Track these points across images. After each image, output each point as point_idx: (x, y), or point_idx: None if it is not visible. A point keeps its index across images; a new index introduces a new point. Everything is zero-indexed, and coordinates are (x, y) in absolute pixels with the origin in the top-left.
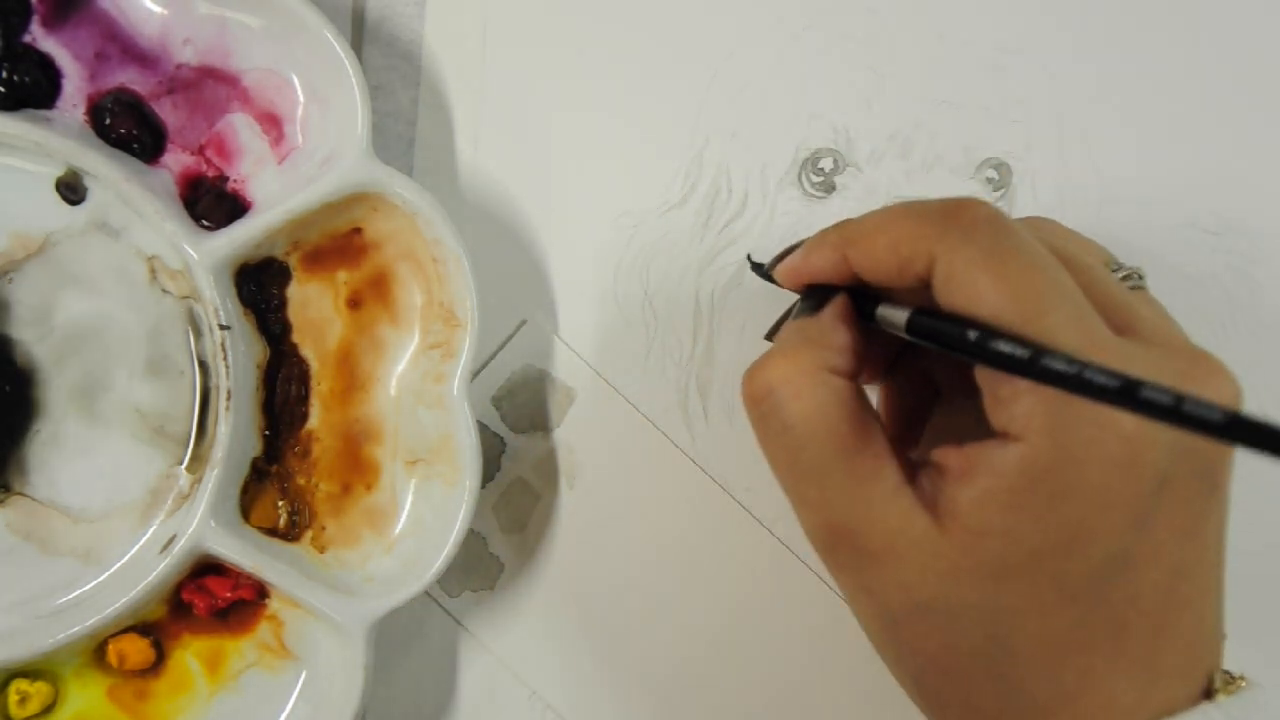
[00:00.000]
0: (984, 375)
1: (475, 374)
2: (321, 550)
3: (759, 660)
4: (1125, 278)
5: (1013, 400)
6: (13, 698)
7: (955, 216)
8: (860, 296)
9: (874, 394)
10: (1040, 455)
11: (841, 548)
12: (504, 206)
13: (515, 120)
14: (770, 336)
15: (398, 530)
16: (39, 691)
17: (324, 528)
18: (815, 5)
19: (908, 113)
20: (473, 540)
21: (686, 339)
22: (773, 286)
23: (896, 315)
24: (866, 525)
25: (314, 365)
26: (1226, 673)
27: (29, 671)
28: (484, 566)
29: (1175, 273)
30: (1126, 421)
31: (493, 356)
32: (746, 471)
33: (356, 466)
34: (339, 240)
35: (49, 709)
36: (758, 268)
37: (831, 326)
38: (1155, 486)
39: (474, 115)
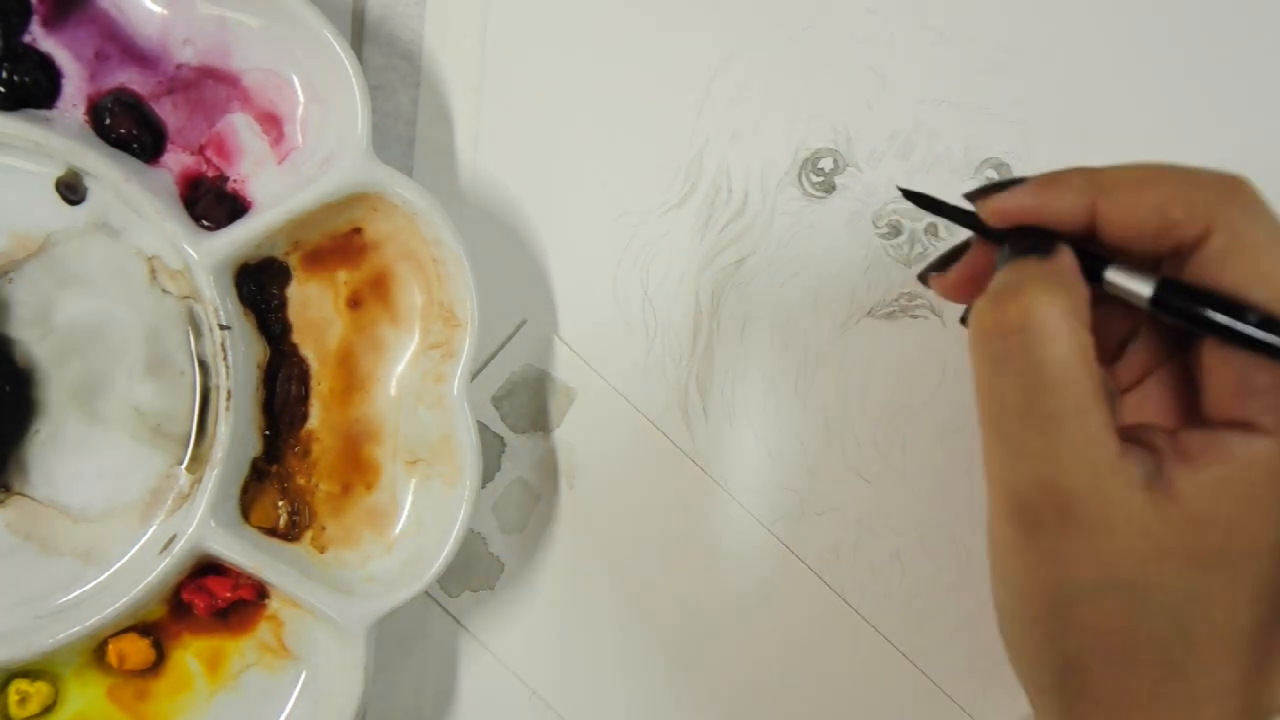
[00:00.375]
0: (1234, 359)
1: (475, 374)
2: (321, 550)
3: (759, 659)
4: None
5: (1270, 392)
6: (13, 698)
7: (1238, 190)
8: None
9: None
10: None
11: (1046, 507)
12: (504, 206)
13: (515, 120)
14: (926, 275)
15: (398, 530)
16: (39, 691)
17: (324, 528)
18: (815, 5)
19: (908, 113)
20: (473, 540)
21: (686, 339)
22: (775, 282)
23: (1137, 284)
24: (1085, 489)
25: (314, 365)
26: None
27: (29, 671)
28: (484, 566)
29: None
30: None
31: (493, 356)
32: (746, 471)
33: (356, 466)
34: (339, 240)
35: (49, 709)
36: (935, 204)
37: (1074, 276)
38: None
39: (474, 115)
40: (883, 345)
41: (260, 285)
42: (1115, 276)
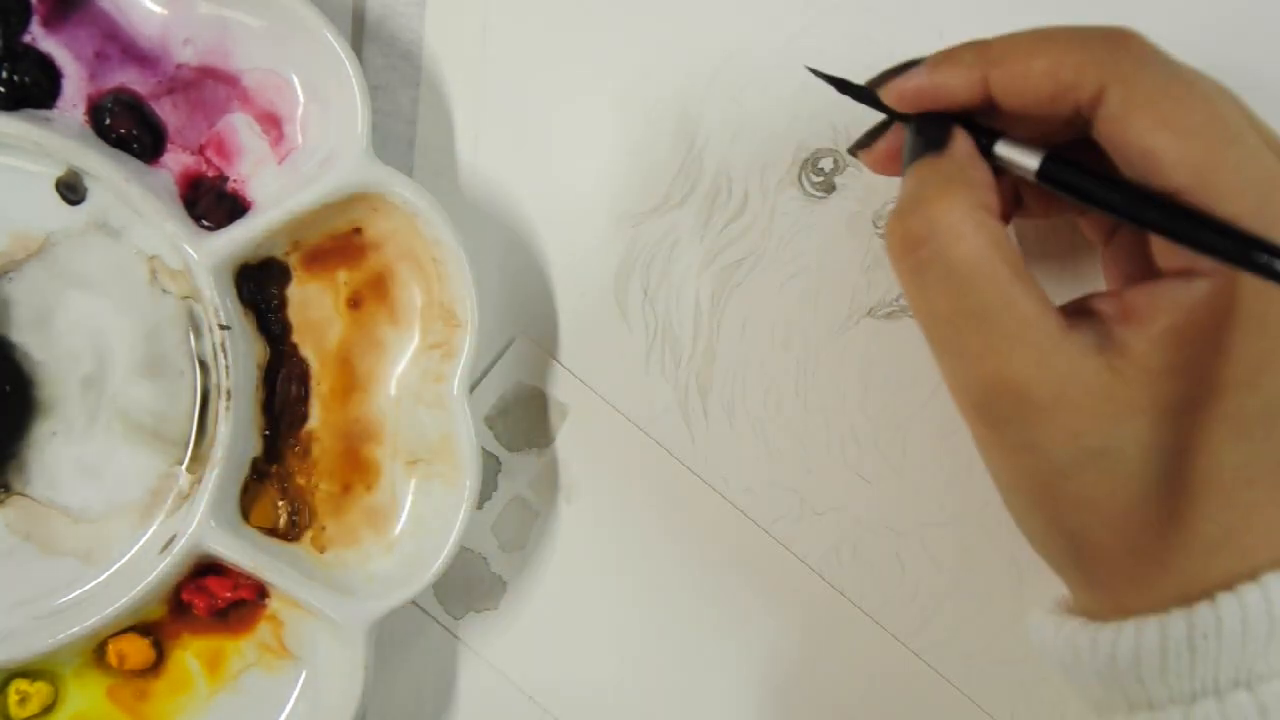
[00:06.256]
0: None
1: (472, 389)
2: (321, 550)
3: (763, 666)
4: None
5: None
6: (13, 698)
7: (1125, 45)
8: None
9: None
10: (1228, 288)
11: (1003, 401)
12: (504, 207)
13: (515, 121)
14: (854, 151)
15: (398, 530)
16: (39, 691)
17: (324, 528)
18: (815, 5)
19: None
20: (474, 561)
21: (686, 339)
22: (775, 282)
23: (1024, 159)
24: (1035, 372)
25: (314, 365)
26: None
27: (29, 671)
28: (487, 587)
29: None
30: None
31: (485, 374)
32: (746, 471)
33: (356, 466)
34: (339, 240)
35: (49, 709)
36: (845, 86)
37: (970, 163)
38: None
39: (474, 115)
40: (883, 345)
41: (260, 285)
42: (1003, 151)
